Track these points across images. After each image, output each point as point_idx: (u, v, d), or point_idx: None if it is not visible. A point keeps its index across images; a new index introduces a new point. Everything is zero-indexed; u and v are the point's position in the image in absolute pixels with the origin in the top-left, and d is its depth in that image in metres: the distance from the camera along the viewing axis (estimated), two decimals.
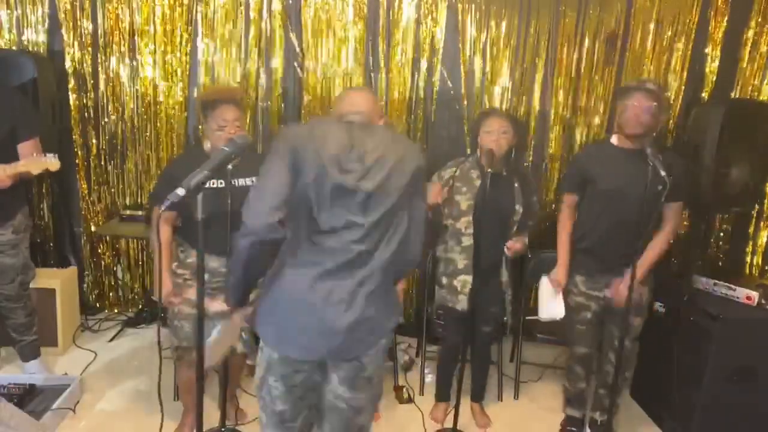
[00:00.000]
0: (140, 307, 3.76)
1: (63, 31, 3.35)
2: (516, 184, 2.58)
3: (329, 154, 1.57)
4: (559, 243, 2.59)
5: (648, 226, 2.20)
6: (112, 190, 3.63)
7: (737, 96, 3.29)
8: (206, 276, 2.27)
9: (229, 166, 1.87)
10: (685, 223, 3.34)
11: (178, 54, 3.40)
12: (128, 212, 3.30)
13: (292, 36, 3.36)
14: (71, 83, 3.42)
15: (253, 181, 2.29)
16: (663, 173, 2.05)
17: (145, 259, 3.75)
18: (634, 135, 2.31)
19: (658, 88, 2.35)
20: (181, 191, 1.48)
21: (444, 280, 2.65)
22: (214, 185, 2.16)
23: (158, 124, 3.50)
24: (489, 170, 2.32)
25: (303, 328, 1.62)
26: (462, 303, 2.58)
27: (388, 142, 1.66)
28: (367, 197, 1.60)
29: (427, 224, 1.80)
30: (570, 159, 3.44)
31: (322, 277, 1.60)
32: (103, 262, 3.74)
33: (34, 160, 2.37)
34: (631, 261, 2.20)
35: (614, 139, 2.47)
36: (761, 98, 3.26)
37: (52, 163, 2.38)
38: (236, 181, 2.22)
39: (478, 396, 2.89)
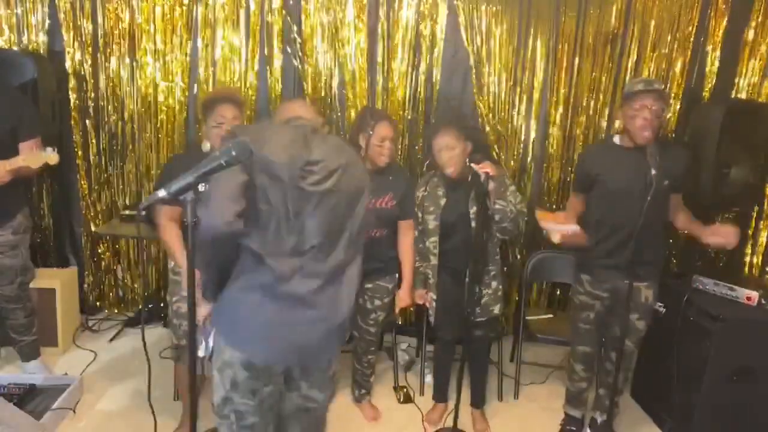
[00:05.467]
0: (140, 307, 3.76)
1: (63, 31, 3.35)
2: (471, 192, 2.51)
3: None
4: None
5: (655, 223, 2.18)
6: (112, 190, 3.63)
7: (737, 96, 3.29)
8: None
9: None
10: None
11: (178, 54, 3.40)
12: (128, 212, 3.30)
13: (293, 34, 3.36)
14: (71, 83, 3.42)
15: None
16: (654, 172, 2.08)
17: (145, 259, 3.75)
18: (644, 143, 2.25)
19: (663, 87, 2.33)
20: (161, 193, 1.44)
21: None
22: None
23: (158, 124, 3.50)
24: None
25: None
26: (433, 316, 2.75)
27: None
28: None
29: None
30: (568, 159, 3.46)
31: None
32: (103, 262, 3.74)
33: (34, 155, 2.39)
34: (638, 259, 2.22)
35: (617, 139, 2.46)
36: (761, 98, 3.26)
37: (51, 156, 2.39)
38: None
39: (475, 401, 2.83)
